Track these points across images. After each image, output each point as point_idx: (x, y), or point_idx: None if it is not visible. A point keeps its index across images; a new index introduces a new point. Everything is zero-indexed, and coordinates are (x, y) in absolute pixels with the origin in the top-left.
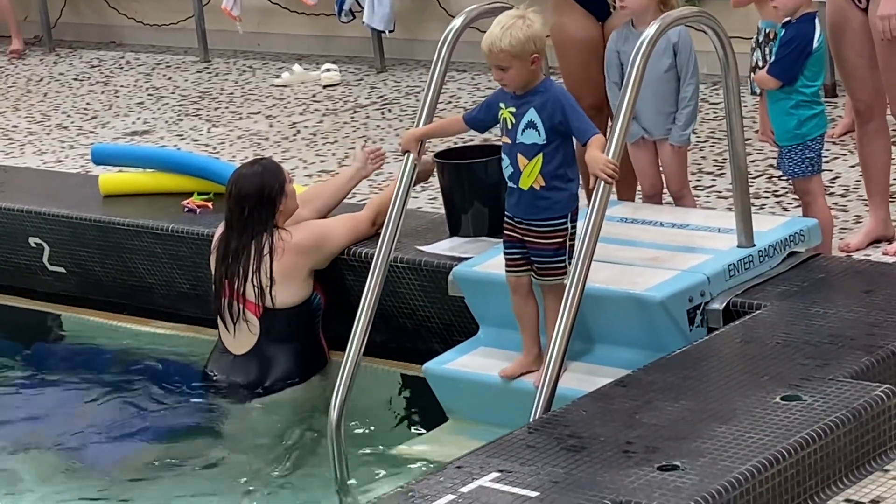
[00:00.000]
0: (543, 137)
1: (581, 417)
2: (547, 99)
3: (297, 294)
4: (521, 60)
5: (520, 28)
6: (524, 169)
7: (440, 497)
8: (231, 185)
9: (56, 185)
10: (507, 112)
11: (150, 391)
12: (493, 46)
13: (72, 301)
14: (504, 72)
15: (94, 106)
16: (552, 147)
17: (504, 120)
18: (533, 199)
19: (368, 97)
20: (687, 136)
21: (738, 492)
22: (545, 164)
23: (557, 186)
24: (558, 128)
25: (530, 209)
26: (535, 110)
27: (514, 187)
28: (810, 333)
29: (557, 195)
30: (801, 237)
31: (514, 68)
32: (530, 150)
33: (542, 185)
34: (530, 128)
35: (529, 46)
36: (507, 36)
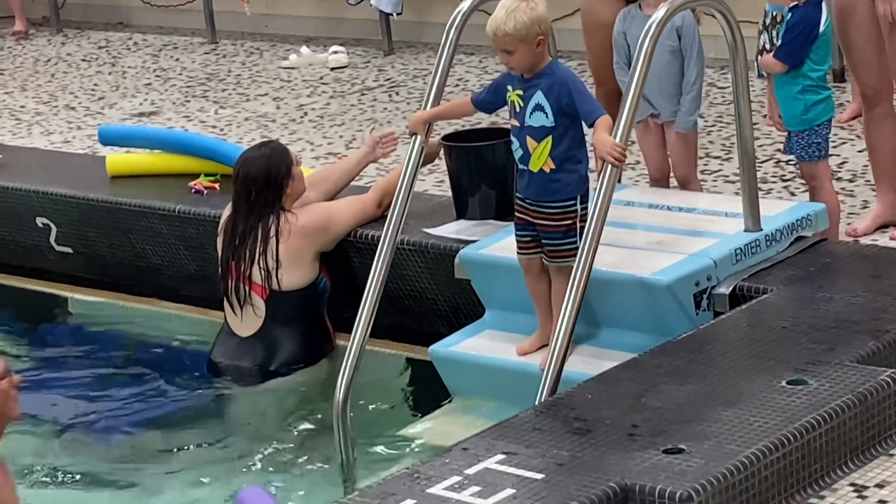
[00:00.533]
0: (552, 120)
1: (587, 400)
2: (554, 81)
3: (303, 277)
4: (527, 43)
5: (524, 11)
6: (533, 151)
7: (445, 479)
8: (238, 167)
9: (63, 166)
10: (515, 95)
11: (156, 373)
12: (498, 30)
13: (78, 281)
14: (510, 55)
15: (102, 87)
16: (561, 129)
17: (512, 103)
18: (543, 182)
19: (376, 80)
20: (692, 121)
21: (743, 475)
22: (554, 147)
23: (567, 168)
24: (566, 110)
25: (541, 191)
26: (543, 93)
27: (525, 169)
28: (816, 318)
29: (567, 177)
30: (809, 222)
31: (519, 52)
32: (539, 133)
33: (552, 167)
34: (538, 110)
35: (534, 29)
36: (511, 19)
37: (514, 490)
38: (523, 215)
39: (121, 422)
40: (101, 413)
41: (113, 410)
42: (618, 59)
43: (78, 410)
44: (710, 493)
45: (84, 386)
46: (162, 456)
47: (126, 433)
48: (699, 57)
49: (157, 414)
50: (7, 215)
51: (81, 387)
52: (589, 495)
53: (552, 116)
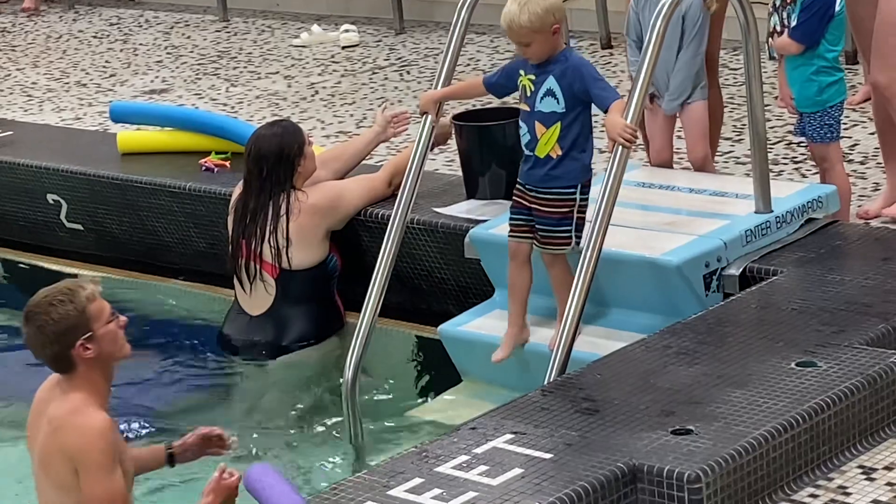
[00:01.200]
0: (562, 106)
1: (596, 381)
2: (567, 67)
3: (314, 255)
4: (542, 34)
5: (537, 2)
6: (541, 137)
7: (454, 457)
8: (250, 145)
9: (74, 143)
10: (527, 79)
11: (166, 350)
12: (513, 24)
13: (89, 258)
14: (527, 47)
15: (113, 64)
16: (571, 116)
17: (523, 87)
18: (547, 168)
19: (387, 59)
20: (675, 105)
21: (752, 456)
22: (563, 133)
23: (573, 156)
24: (578, 96)
25: (544, 177)
26: (555, 78)
27: (531, 154)
28: (826, 300)
29: (572, 164)
30: (819, 204)
31: (536, 43)
32: (549, 119)
33: (558, 153)
34: (549, 96)
35: (549, 19)
36: (525, 12)
37: (523, 469)
38: (522, 200)
39: (129, 399)
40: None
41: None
42: (630, 39)
43: None
44: (718, 473)
45: None
46: (170, 433)
47: (135, 410)
48: (696, 43)
49: (166, 391)
50: (18, 192)
51: None
52: (597, 475)
53: (563, 102)
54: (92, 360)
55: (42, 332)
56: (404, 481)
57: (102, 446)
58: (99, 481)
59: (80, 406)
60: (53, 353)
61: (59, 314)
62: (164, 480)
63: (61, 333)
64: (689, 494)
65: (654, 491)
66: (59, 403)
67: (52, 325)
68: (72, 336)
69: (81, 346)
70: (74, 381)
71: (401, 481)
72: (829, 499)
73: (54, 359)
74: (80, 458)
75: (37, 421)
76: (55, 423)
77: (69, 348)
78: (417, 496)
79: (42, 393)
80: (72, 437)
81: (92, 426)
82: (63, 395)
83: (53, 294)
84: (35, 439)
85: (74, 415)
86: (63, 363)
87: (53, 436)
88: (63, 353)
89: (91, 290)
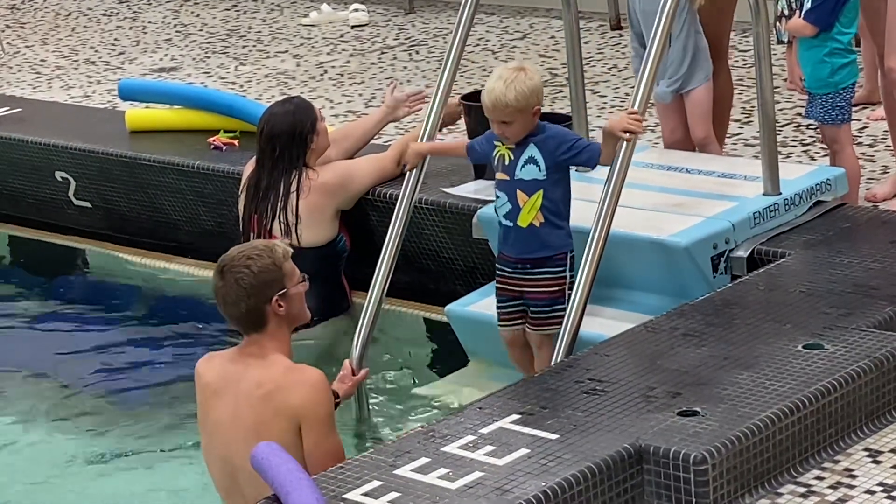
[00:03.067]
0: (544, 173)
1: (602, 362)
2: (547, 136)
3: (323, 234)
4: (525, 114)
5: (523, 81)
6: (524, 205)
7: (460, 437)
8: (263, 123)
9: (83, 120)
10: (506, 149)
11: (173, 327)
12: (499, 102)
13: (97, 236)
14: (507, 126)
15: (122, 42)
16: (552, 182)
17: (501, 156)
18: (530, 237)
19: (396, 38)
20: (667, 93)
21: (758, 438)
22: (545, 200)
23: (555, 223)
24: (560, 163)
25: (527, 246)
26: (536, 146)
27: (511, 225)
28: (834, 282)
29: (555, 231)
30: (828, 186)
31: (517, 122)
32: (531, 186)
33: (541, 221)
34: (530, 163)
35: (533, 99)
36: (511, 90)
37: (529, 450)
38: (508, 286)
39: (135, 376)
40: (116, 367)
41: (127, 365)
42: (632, 32)
43: (93, 364)
44: (724, 455)
45: (99, 340)
46: (176, 409)
47: (142, 388)
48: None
49: (172, 369)
50: (27, 169)
51: (96, 340)
52: (603, 456)
53: (545, 169)
54: (281, 318)
55: (240, 284)
56: (411, 461)
57: (327, 400)
58: (327, 434)
59: (289, 364)
60: (249, 307)
61: (259, 267)
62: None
63: (260, 287)
64: (695, 476)
65: (660, 472)
66: (260, 369)
67: (252, 277)
68: (269, 291)
69: (276, 303)
70: (264, 341)
71: (407, 461)
72: (834, 481)
73: (248, 313)
74: (305, 414)
75: (227, 395)
76: (268, 387)
77: (265, 303)
78: (424, 475)
79: (219, 369)
80: (295, 394)
81: (314, 381)
82: (260, 360)
83: (251, 249)
84: (226, 413)
85: (290, 373)
86: (255, 319)
87: (268, 399)
88: (258, 308)
89: (284, 248)
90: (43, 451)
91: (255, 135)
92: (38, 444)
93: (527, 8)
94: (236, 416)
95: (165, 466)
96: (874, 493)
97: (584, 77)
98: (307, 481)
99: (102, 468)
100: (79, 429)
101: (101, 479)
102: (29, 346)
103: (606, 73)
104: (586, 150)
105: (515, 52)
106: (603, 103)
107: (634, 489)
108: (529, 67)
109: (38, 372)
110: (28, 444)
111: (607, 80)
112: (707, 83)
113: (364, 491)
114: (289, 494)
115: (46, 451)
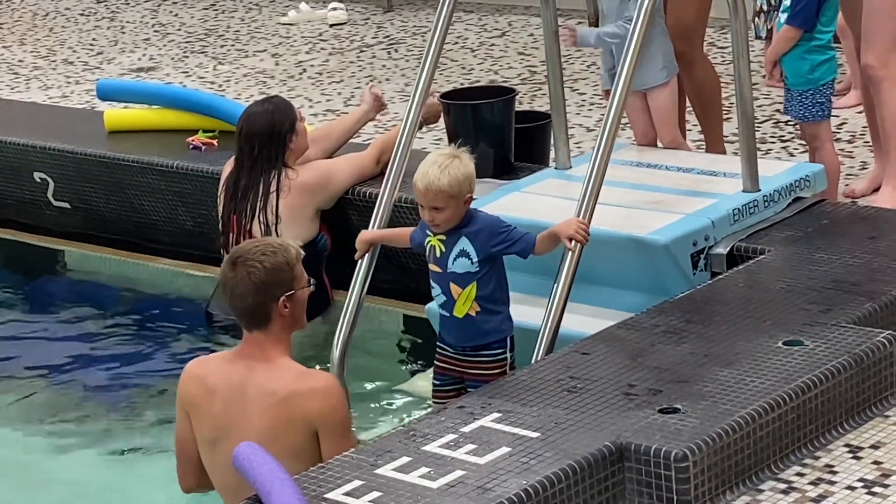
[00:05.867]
0: (476, 265)
1: (583, 360)
2: (479, 228)
3: (303, 233)
4: (457, 200)
5: (458, 167)
6: (458, 297)
7: (441, 436)
8: (242, 122)
9: (61, 121)
10: (436, 240)
11: (153, 329)
12: (432, 186)
13: (76, 237)
14: (438, 212)
15: (100, 42)
16: (485, 273)
17: (432, 247)
18: (468, 326)
19: (375, 37)
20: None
21: (739, 435)
22: (480, 291)
23: (492, 310)
24: (492, 255)
25: (465, 335)
26: (468, 239)
27: (448, 316)
28: (814, 279)
29: (493, 318)
30: (807, 182)
31: (449, 209)
32: (464, 279)
33: (477, 310)
34: (462, 256)
35: (466, 187)
36: (446, 175)
37: (510, 448)
38: (448, 365)
39: (115, 377)
40: (96, 368)
41: (107, 366)
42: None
43: (72, 365)
44: (705, 452)
45: (79, 341)
46: (156, 411)
47: (122, 388)
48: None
49: (152, 370)
50: (5, 170)
51: (76, 342)
52: (584, 454)
53: (477, 262)
54: (284, 319)
55: (251, 277)
56: (391, 460)
57: (342, 405)
58: (344, 439)
59: (300, 369)
60: (255, 302)
61: (272, 264)
62: None
63: (270, 284)
64: (675, 473)
65: (641, 469)
66: (268, 373)
67: (263, 272)
68: (278, 289)
69: (283, 303)
70: (265, 343)
71: (388, 460)
72: (815, 477)
73: (254, 308)
74: (323, 422)
75: (232, 399)
76: (281, 394)
77: (273, 301)
78: (405, 475)
79: (218, 372)
80: (311, 403)
81: (328, 387)
82: (266, 363)
83: (265, 245)
84: (233, 420)
85: (304, 379)
86: (260, 316)
87: (282, 406)
88: (264, 305)
89: (298, 251)
90: (18, 452)
91: (235, 134)
92: (12, 445)
93: (505, 5)
94: (247, 421)
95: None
96: (855, 489)
97: (562, 75)
98: (289, 482)
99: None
100: (56, 431)
101: (80, 478)
102: (7, 349)
103: (585, 70)
104: (520, 241)
105: (495, 50)
106: (582, 101)
107: (615, 487)
108: (464, 155)
109: (15, 374)
110: (2, 445)
111: (586, 77)
112: (669, 85)
113: (345, 491)
114: (270, 495)
115: (23, 451)
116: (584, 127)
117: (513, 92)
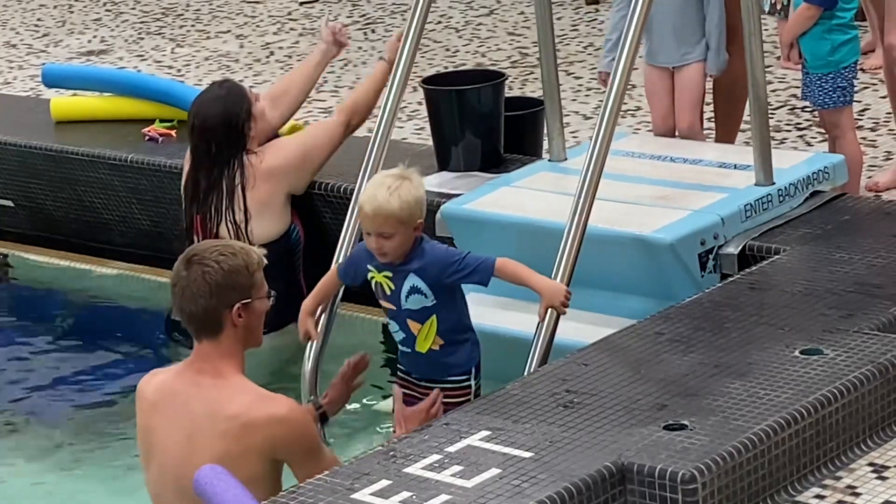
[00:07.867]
0: (432, 299)
1: (581, 371)
2: (426, 263)
3: (275, 225)
4: (407, 226)
5: (408, 190)
6: (419, 333)
7: (424, 457)
8: (193, 116)
9: (3, 109)
10: (382, 277)
11: (108, 338)
12: (381, 210)
13: (20, 238)
14: (386, 240)
15: (46, 22)
16: (443, 304)
17: (378, 285)
18: (433, 361)
19: (350, 16)
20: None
21: (752, 454)
22: (441, 325)
23: (457, 340)
24: (447, 286)
25: (430, 370)
26: (417, 275)
27: (410, 351)
28: (833, 281)
29: (459, 349)
30: (826, 175)
31: (399, 235)
32: (421, 315)
33: (441, 344)
34: (415, 293)
35: (417, 211)
36: (395, 198)
37: (500, 469)
38: (410, 391)
39: (66, 393)
40: (45, 384)
41: (58, 381)
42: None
43: (18, 381)
44: (714, 473)
45: (26, 354)
46: (114, 428)
47: (74, 407)
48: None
49: (108, 385)
50: None
51: (22, 355)
52: (582, 475)
53: (432, 296)
54: (237, 331)
55: (205, 279)
56: (370, 483)
57: (308, 429)
58: (317, 462)
59: (258, 392)
60: (207, 306)
61: (230, 266)
62: None
63: (225, 288)
64: (682, 496)
65: (644, 493)
66: (219, 391)
67: (219, 275)
68: (233, 295)
69: (237, 311)
70: (216, 357)
71: (366, 483)
72: (836, 500)
73: (204, 313)
74: (289, 451)
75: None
76: (238, 420)
77: (226, 307)
78: (384, 500)
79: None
80: (274, 431)
81: (291, 414)
82: (217, 380)
83: (225, 246)
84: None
85: (262, 404)
86: (210, 323)
87: (239, 435)
88: (217, 311)
89: (260, 257)
90: None
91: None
92: None
93: None
94: (193, 444)
95: (85, 485)
96: None
97: (556, 57)
98: None
99: (27, 486)
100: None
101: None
102: None
103: (582, 52)
104: (477, 270)
105: (482, 30)
106: (578, 86)
107: None
108: (415, 175)
109: None
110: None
111: (583, 59)
112: (701, 63)
113: None
114: None
115: None
116: (581, 114)
117: (502, 76)
